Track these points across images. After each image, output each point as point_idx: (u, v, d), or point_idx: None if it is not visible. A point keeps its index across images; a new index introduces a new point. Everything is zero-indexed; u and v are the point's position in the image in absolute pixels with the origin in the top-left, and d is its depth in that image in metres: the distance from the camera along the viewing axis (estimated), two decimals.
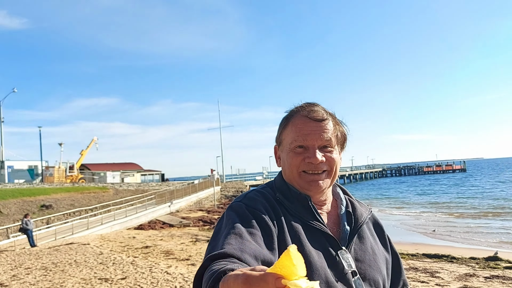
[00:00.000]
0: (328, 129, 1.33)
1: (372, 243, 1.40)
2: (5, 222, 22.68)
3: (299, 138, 1.32)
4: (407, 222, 22.74)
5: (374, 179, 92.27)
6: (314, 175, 1.32)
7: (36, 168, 46.99)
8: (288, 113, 1.41)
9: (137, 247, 14.90)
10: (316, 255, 1.23)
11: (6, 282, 9.86)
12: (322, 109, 1.36)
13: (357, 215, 1.41)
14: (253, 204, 1.27)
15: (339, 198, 1.47)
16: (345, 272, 1.24)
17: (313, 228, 1.29)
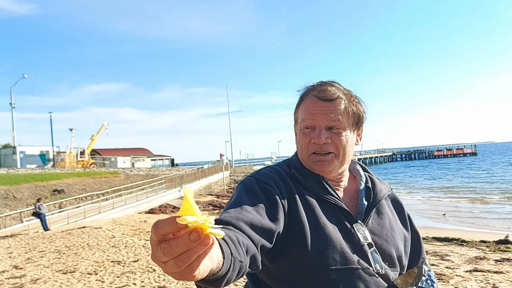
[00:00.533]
0: (337, 109, 1.30)
1: (391, 219, 1.40)
2: (18, 206, 23.07)
3: (306, 118, 1.32)
4: (417, 206, 22.69)
5: (383, 164, 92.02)
6: (320, 156, 1.31)
7: (48, 154, 47.49)
8: (302, 91, 1.39)
9: (148, 231, 15.08)
10: (331, 227, 1.24)
11: (21, 264, 10.07)
12: (336, 89, 1.34)
13: (376, 191, 1.41)
14: (264, 179, 1.28)
15: (358, 174, 1.47)
16: (361, 244, 1.25)
17: (328, 202, 1.29)
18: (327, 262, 1.18)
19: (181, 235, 0.63)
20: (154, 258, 0.67)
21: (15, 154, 45.09)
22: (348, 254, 1.21)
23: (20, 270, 9.44)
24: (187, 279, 0.70)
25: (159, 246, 0.65)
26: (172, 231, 0.64)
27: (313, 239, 1.19)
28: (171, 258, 0.64)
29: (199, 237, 0.63)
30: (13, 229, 19.46)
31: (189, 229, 0.63)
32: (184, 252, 0.64)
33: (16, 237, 15.75)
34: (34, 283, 8.12)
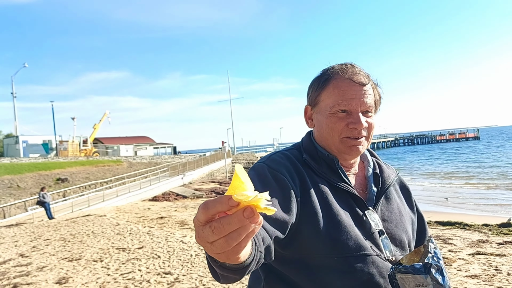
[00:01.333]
0: (370, 93, 1.31)
1: (399, 204, 1.40)
2: (23, 195, 23.21)
3: (343, 102, 1.28)
4: (419, 191, 22.73)
5: (386, 149, 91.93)
6: (355, 140, 1.30)
7: (50, 143, 47.61)
8: (327, 72, 1.34)
9: (152, 218, 15.18)
10: (344, 214, 1.24)
11: (26, 253, 10.17)
12: (362, 71, 1.33)
13: (384, 177, 1.41)
14: (275, 166, 1.26)
15: (366, 160, 1.46)
16: (372, 231, 1.25)
17: (340, 189, 1.29)
18: (340, 249, 1.18)
19: (234, 212, 0.63)
20: (200, 239, 0.67)
21: (18, 143, 45.21)
22: (361, 240, 1.21)
23: (26, 258, 9.54)
24: (232, 259, 0.70)
25: (207, 226, 0.64)
26: (223, 210, 0.63)
27: (326, 226, 1.19)
28: (221, 237, 0.64)
29: (253, 213, 0.62)
30: (18, 218, 19.60)
31: (241, 207, 0.63)
32: (235, 230, 0.63)
33: (21, 225, 15.87)
34: (40, 270, 8.21)
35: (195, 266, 7.50)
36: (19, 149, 44.55)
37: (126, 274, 7.36)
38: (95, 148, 50.79)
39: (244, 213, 0.62)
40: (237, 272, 0.85)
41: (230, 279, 0.91)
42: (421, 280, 1.11)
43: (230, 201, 0.62)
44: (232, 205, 0.62)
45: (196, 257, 8.12)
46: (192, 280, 6.69)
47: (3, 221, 18.97)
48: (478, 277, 5.93)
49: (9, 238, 12.90)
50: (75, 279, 7.34)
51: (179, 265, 7.63)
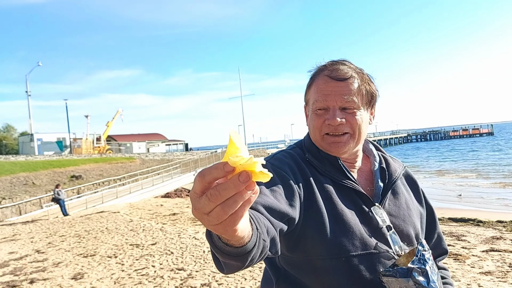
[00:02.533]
0: (351, 89, 1.27)
1: (407, 198, 1.39)
2: (38, 192, 23.55)
3: (319, 99, 1.29)
4: (432, 187, 22.54)
5: (398, 145, 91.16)
6: (335, 137, 1.30)
7: (64, 140, 48.18)
8: (313, 71, 1.36)
9: (165, 214, 15.32)
10: (349, 213, 1.23)
11: (42, 249, 10.34)
12: (348, 67, 1.31)
13: (391, 171, 1.40)
14: (279, 165, 1.26)
15: (371, 154, 1.45)
16: (379, 227, 1.25)
17: (345, 187, 1.28)
18: (346, 249, 1.18)
19: (230, 177, 0.62)
20: (196, 211, 0.66)
21: (32, 141, 45.83)
22: (367, 239, 1.21)
23: (42, 254, 9.71)
24: (229, 232, 0.69)
25: (203, 195, 0.64)
26: (218, 177, 0.63)
27: (332, 227, 1.19)
28: (217, 205, 0.63)
29: (248, 177, 0.61)
30: (34, 214, 19.93)
31: (236, 172, 0.62)
32: (231, 197, 0.62)
33: (37, 222, 16.13)
34: (56, 266, 8.36)
35: (207, 262, 7.56)
36: (34, 146, 45.16)
37: (140, 270, 7.46)
38: (108, 145, 51.23)
39: (239, 177, 0.61)
40: (239, 258, 0.84)
41: (233, 267, 0.90)
42: (404, 284, 1.13)
43: (225, 166, 0.61)
44: (227, 170, 0.62)
45: (208, 253, 8.19)
46: (205, 276, 6.75)
47: (19, 218, 19.30)
48: (492, 273, 5.89)
49: (25, 234, 13.13)
50: (90, 275, 7.46)
51: (192, 261, 7.71)
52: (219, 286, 6.22)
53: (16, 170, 26.55)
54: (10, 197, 22.21)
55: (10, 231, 14.21)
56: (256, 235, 0.86)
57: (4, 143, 51.52)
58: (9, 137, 56.59)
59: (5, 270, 8.39)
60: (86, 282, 7.03)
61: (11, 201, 21.77)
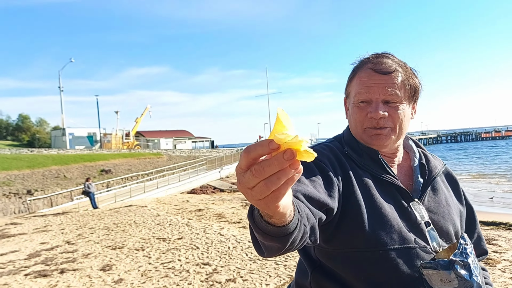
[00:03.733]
0: (395, 82, 1.26)
1: (447, 195, 1.37)
2: (69, 185, 24.21)
3: (362, 92, 1.28)
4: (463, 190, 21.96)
5: (428, 146, 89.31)
6: (376, 130, 1.28)
7: (95, 135, 49.33)
8: (356, 64, 1.35)
9: (190, 210, 15.50)
10: (388, 207, 1.22)
11: (72, 240, 10.64)
12: (392, 61, 1.29)
13: (431, 167, 1.39)
14: (318, 156, 1.23)
15: (411, 150, 1.44)
16: (418, 222, 1.23)
17: (384, 181, 1.28)
18: (384, 242, 1.17)
19: (275, 154, 0.62)
20: (241, 185, 0.67)
21: (64, 135, 47.12)
22: (405, 233, 1.20)
23: (72, 245, 9.98)
24: (271, 208, 0.70)
25: (248, 170, 0.65)
26: (264, 154, 0.63)
27: (370, 220, 1.18)
28: (261, 180, 0.64)
29: (293, 155, 0.62)
30: (65, 207, 20.49)
31: (281, 150, 0.62)
32: (275, 174, 0.63)
33: (68, 214, 16.57)
34: (85, 257, 8.59)
35: (232, 258, 7.62)
36: (66, 141, 46.41)
37: (166, 263, 7.58)
38: (137, 141, 52.16)
39: (284, 155, 0.61)
40: (280, 239, 0.84)
41: (274, 249, 0.90)
42: (446, 276, 1.11)
43: (271, 144, 0.62)
44: (272, 147, 0.62)
45: (233, 250, 8.25)
46: (230, 271, 6.81)
47: (51, 210, 19.89)
48: None
49: (56, 225, 13.52)
50: (118, 267, 7.63)
51: (217, 257, 7.78)
52: (244, 282, 6.26)
53: (49, 163, 27.36)
54: (42, 189, 22.92)
55: (42, 222, 14.66)
56: (298, 217, 0.86)
57: (38, 137, 53.23)
58: (42, 131, 58.42)
59: (37, 260, 8.67)
60: (114, 274, 7.20)
61: (43, 193, 22.46)
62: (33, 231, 12.69)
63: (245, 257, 7.65)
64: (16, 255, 9.31)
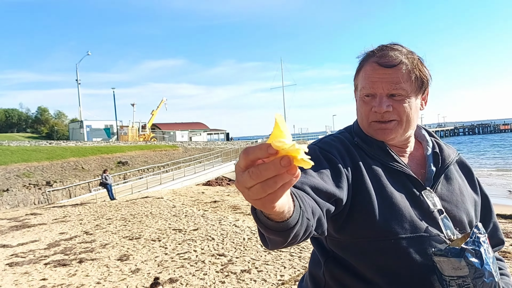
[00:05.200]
0: (399, 76, 1.24)
1: (460, 184, 1.36)
2: (87, 177, 24.60)
3: (366, 86, 1.28)
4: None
5: (444, 138, 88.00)
6: (381, 124, 1.28)
7: (112, 128, 49.84)
8: (362, 57, 1.34)
9: (206, 202, 15.62)
10: (399, 195, 1.22)
11: (90, 230, 10.84)
12: (398, 52, 1.26)
13: (444, 156, 1.37)
14: (327, 148, 1.27)
15: (424, 140, 1.43)
16: (430, 211, 1.23)
17: (394, 170, 1.27)
18: (396, 231, 1.17)
19: (272, 159, 0.63)
20: (239, 184, 0.68)
21: (82, 128, 47.73)
22: (417, 222, 1.19)
23: (90, 235, 10.18)
24: (267, 208, 0.71)
25: (246, 171, 0.66)
26: (262, 157, 0.64)
27: (381, 209, 1.18)
28: (257, 182, 0.65)
29: (290, 163, 0.63)
30: (83, 198, 20.86)
31: (279, 155, 0.63)
32: (272, 178, 0.64)
33: (86, 205, 16.86)
34: (103, 247, 8.75)
35: (247, 249, 7.68)
36: (83, 133, 47.01)
37: (182, 254, 7.68)
38: (153, 133, 52.52)
39: (281, 161, 0.62)
40: (281, 234, 0.85)
41: (277, 242, 0.91)
42: (456, 264, 1.11)
43: (269, 148, 0.63)
44: (270, 152, 0.63)
45: (248, 241, 8.30)
46: (245, 262, 6.86)
47: (69, 200, 20.26)
48: None
49: (75, 216, 13.79)
50: (135, 257, 7.77)
51: (232, 248, 7.84)
52: (258, 273, 6.31)
53: (67, 155, 27.81)
54: (61, 180, 23.34)
55: (61, 212, 14.97)
56: (299, 212, 0.87)
57: (56, 129, 54.08)
58: (60, 123, 59.33)
59: (56, 249, 8.88)
60: (131, 264, 7.33)
61: (62, 184, 22.89)
62: (53, 221, 12.97)
63: (260, 248, 7.70)
64: (36, 244, 9.54)
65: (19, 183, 21.80)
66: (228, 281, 6.06)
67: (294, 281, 5.87)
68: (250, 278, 6.13)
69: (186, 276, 6.40)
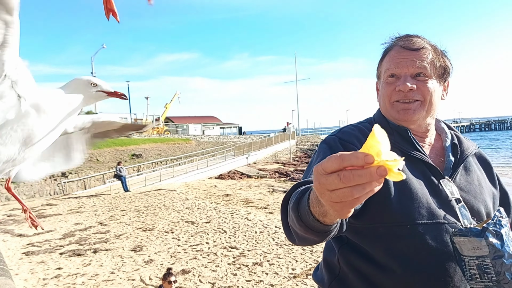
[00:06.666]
0: (423, 57, 1.27)
1: (479, 176, 1.37)
2: (101, 169, 24.85)
3: (391, 67, 1.30)
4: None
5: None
6: (404, 104, 1.29)
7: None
8: (387, 44, 1.37)
9: (218, 195, 15.71)
10: (417, 182, 1.23)
11: (105, 221, 10.98)
12: (422, 40, 1.31)
13: (463, 147, 1.38)
14: (346, 138, 1.29)
15: (443, 132, 1.44)
16: (448, 199, 1.23)
17: (414, 158, 1.28)
18: (413, 217, 1.18)
19: (369, 167, 0.64)
20: (320, 185, 0.69)
21: None
22: (434, 209, 1.20)
23: (105, 226, 10.32)
24: (344, 212, 0.72)
25: (335, 174, 0.66)
26: (356, 165, 0.64)
27: (398, 195, 1.19)
28: (346, 187, 0.65)
29: (386, 174, 0.63)
30: (97, 189, 21.10)
31: (375, 165, 0.64)
32: (361, 184, 0.65)
33: (100, 196, 17.06)
34: (117, 238, 8.88)
35: (259, 242, 7.72)
36: None
37: (195, 246, 7.76)
38: (166, 126, 52.80)
39: (377, 170, 0.63)
40: (322, 235, 0.89)
41: (309, 241, 0.94)
42: (476, 244, 1.11)
43: (366, 158, 0.63)
44: (368, 162, 0.63)
45: (260, 234, 8.35)
46: (257, 255, 6.91)
47: (84, 192, 20.52)
48: None
49: (90, 207, 13.98)
50: (148, 248, 7.87)
51: (244, 241, 7.89)
52: (270, 266, 6.35)
53: None
54: (76, 172, 23.63)
55: (76, 203, 15.18)
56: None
57: None
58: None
59: (71, 239, 9.03)
60: (144, 254, 7.42)
61: (77, 175, 23.17)
62: (68, 212, 13.16)
63: (272, 242, 7.74)
64: (52, 234, 9.71)
65: None
66: (240, 273, 6.11)
67: (305, 274, 5.90)
68: (262, 271, 6.17)
69: (198, 268, 6.47)
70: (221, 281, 5.87)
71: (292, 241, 1.00)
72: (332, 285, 1.36)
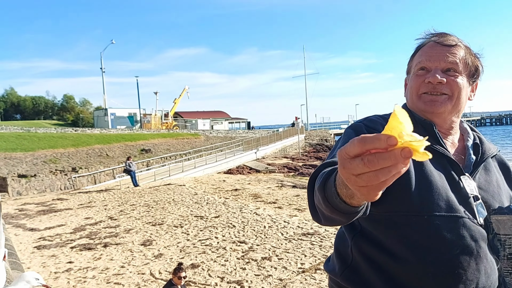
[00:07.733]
0: (456, 53, 1.29)
1: (498, 178, 1.37)
2: (111, 164, 25.04)
3: (423, 60, 1.32)
4: None
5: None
6: (432, 96, 1.30)
7: (135, 115, 50.44)
8: (422, 40, 1.38)
9: (227, 190, 15.75)
10: (437, 175, 1.24)
11: (115, 216, 11.08)
12: (456, 38, 1.33)
13: (485, 148, 1.40)
14: (372, 125, 1.31)
15: (466, 132, 1.45)
16: (467, 196, 1.24)
17: (436, 152, 1.28)
18: (431, 208, 1.18)
19: (393, 150, 0.63)
20: (345, 170, 0.69)
21: (106, 115, 48.46)
22: (453, 202, 1.20)
23: (115, 221, 10.41)
24: (371, 195, 0.72)
25: (358, 158, 0.66)
26: (379, 148, 0.64)
27: (418, 184, 1.20)
28: (371, 170, 0.65)
29: (411, 155, 0.62)
30: (107, 184, 21.28)
31: (398, 147, 0.62)
32: (387, 167, 0.64)
33: (110, 191, 17.20)
34: (127, 232, 8.95)
35: (268, 237, 7.73)
36: (108, 121, 47.73)
37: (204, 240, 7.80)
38: (175, 121, 52.93)
39: (402, 152, 0.62)
40: (349, 216, 0.90)
41: (336, 221, 0.95)
42: None
43: (389, 140, 0.62)
44: (391, 143, 0.62)
45: (269, 229, 8.36)
46: (266, 250, 6.92)
47: (94, 187, 20.71)
48: None
49: (100, 202, 14.10)
50: (158, 242, 7.92)
51: (253, 235, 7.91)
52: (279, 261, 6.36)
53: (92, 142, 28.35)
54: (86, 167, 23.84)
55: (86, 198, 15.32)
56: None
57: (81, 117, 55.12)
58: (85, 111, 60.38)
59: (82, 234, 9.12)
60: (154, 249, 7.48)
61: (87, 170, 23.38)
62: (78, 206, 13.30)
63: (281, 236, 7.75)
64: (63, 228, 9.82)
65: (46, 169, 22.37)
66: (249, 268, 6.13)
67: (314, 269, 5.90)
68: (271, 265, 6.19)
69: (207, 262, 6.51)
70: (230, 275, 5.90)
71: (318, 221, 1.01)
72: (344, 274, 1.36)
